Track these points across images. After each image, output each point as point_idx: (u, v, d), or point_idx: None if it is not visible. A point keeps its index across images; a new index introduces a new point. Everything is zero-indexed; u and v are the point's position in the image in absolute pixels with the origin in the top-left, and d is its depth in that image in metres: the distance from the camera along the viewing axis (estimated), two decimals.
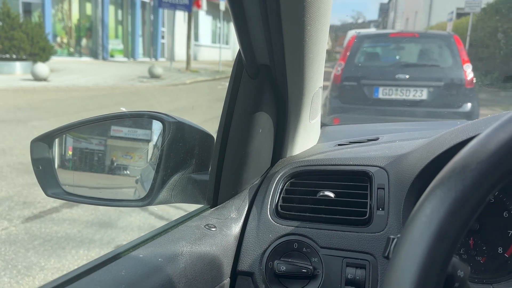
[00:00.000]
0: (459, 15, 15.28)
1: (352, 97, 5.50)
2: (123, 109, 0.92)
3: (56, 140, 0.96)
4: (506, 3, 11.57)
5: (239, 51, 0.76)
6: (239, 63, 0.79)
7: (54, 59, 13.48)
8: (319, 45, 0.74)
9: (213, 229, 0.74)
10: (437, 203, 0.41)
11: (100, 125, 0.95)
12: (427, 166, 0.71)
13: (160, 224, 3.26)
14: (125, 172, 0.99)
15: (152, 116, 0.87)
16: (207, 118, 6.78)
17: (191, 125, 0.91)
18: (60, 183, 0.94)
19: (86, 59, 17.41)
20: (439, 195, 0.41)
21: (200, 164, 0.91)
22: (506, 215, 0.75)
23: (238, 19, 0.67)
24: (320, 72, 0.85)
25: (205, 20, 24.38)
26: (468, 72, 5.10)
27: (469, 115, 5.03)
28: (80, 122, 0.91)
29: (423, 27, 19.57)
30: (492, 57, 11.49)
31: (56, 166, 0.98)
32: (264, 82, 0.80)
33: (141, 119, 0.94)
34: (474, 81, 5.19)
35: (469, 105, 5.07)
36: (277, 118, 0.88)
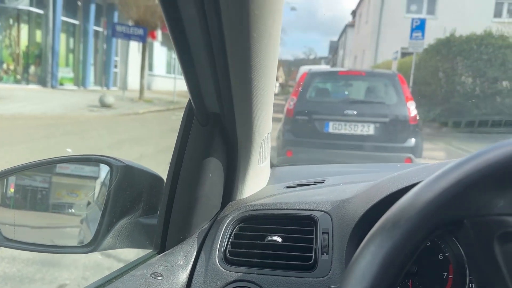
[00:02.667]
0: (404, 54, 16.22)
1: (304, 131, 5.66)
2: (69, 150, 0.91)
3: None
4: (445, 45, 12.42)
5: (189, 99, 0.78)
6: (190, 111, 0.81)
7: None
8: (267, 95, 0.77)
9: (159, 277, 0.73)
10: (370, 259, 0.44)
11: (44, 168, 0.93)
12: (366, 212, 0.74)
13: (106, 262, 3.13)
14: (70, 211, 0.96)
15: (99, 160, 0.86)
16: (160, 148, 6.68)
17: (140, 168, 0.91)
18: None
19: (33, 86, 16.78)
20: (372, 251, 0.44)
21: (148, 207, 0.91)
22: (441, 257, 0.79)
23: (187, 71, 0.69)
24: (268, 119, 0.88)
25: (160, 51, 24.37)
26: (412, 109, 5.41)
27: (413, 150, 5.30)
28: (23, 167, 0.88)
29: (370, 64, 20.56)
30: (434, 94, 12.22)
31: None
32: (214, 129, 0.82)
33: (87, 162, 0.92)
34: (418, 117, 5.50)
35: (413, 140, 5.35)
36: (227, 163, 0.90)
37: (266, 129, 0.90)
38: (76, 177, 0.97)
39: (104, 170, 0.90)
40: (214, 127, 0.81)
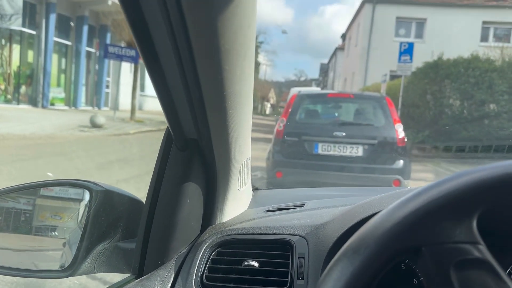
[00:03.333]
0: (392, 77, 16.49)
1: (294, 152, 5.70)
2: (50, 174, 0.92)
3: None
4: (433, 68, 12.65)
5: (168, 126, 0.80)
6: (168, 136, 0.82)
7: None
8: (243, 123, 0.79)
9: None
10: (332, 285, 0.45)
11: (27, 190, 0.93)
12: (339, 237, 0.76)
13: (91, 284, 3.08)
14: (53, 233, 0.96)
15: (77, 184, 0.87)
16: (149, 169, 6.63)
17: (119, 192, 0.92)
18: None
19: (24, 106, 16.73)
20: (334, 277, 0.45)
21: (127, 231, 0.91)
22: (415, 282, 0.81)
23: (163, 98, 0.71)
24: (246, 146, 0.90)
25: None
26: (400, 131, 5.48)
27: (401, 171, 5.35)
28: (1, 191, 0.89)
29: (359, 87, 20.83)
30: (422, 116, 12.39)
31: None
32: (193, 155, 0.83)
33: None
34: (406, 139, 5.58)
35: (401, 162, 5.40)
36: (206, 187, 0.91)
37: (245, 154, 0.92)
38: (60, 200, 0.97)
39: (88, 192, 0.91)
40: (192, 152, 0.83)
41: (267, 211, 1.07)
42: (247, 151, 0.93)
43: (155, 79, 0.66)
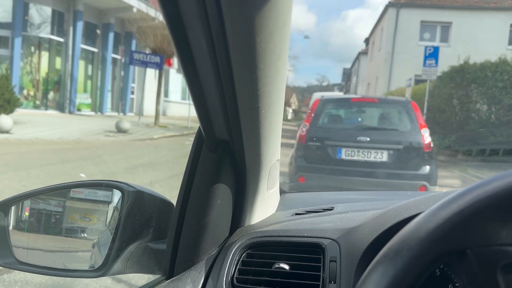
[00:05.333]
0: (417, 81, 16.24)
1: (317, 157, 5.65)
2: (83, 176, 0.93)
3: (13, 207, 0.95)
4: (459, 73, 12.40)
5: (199, 127, 0.80)
6: (200, 137, 0.83)
7: (18, 111, 13.21)
8: (275, 124, 0.79)
9: None
10: (373, 287, 0.44)
11: (58, 192, 0.95)
12: (374, 240, 0.74)
13: (117, 287, 3.12)
14: (82, 235, 0.98)
15: (111, 185, 0.89)
16: (173, 174, 6.72)
17: (150, 193, 0.93)
18: (14, 251, 0.92)
19: (52, 112, 17.19)
20: (374, 279, 0.44)
21: (158, 232, 0.92)
22: (451, 287, 0.78)
23: (197, 100, 0.71)
24: (276, 146, 0.89)
25: (175, 78, 24.85)
26: (426, 136, 5.38)
27: (427, 177, 5.24)
28: (38, 191, 0.91)
29: (383, 91, 20.57)
30: (448, 121, 12.14)
31: (10, 228, 0.96)
32: (223, 156, 0.83)
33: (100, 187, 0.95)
34: (432, 145, 5.46)
35: (427, 167, 5.29)
36: (236, 189, 0.91)
37: (275, 156, 0.91)
38: (89, 202, 0.99)
39: (117, 195, 0.92)
40: (223, 153, 0.83)
41: (296, 214, 1.06)
42: (277, 153, 0.92)
43: (190, 80, 0.66)
